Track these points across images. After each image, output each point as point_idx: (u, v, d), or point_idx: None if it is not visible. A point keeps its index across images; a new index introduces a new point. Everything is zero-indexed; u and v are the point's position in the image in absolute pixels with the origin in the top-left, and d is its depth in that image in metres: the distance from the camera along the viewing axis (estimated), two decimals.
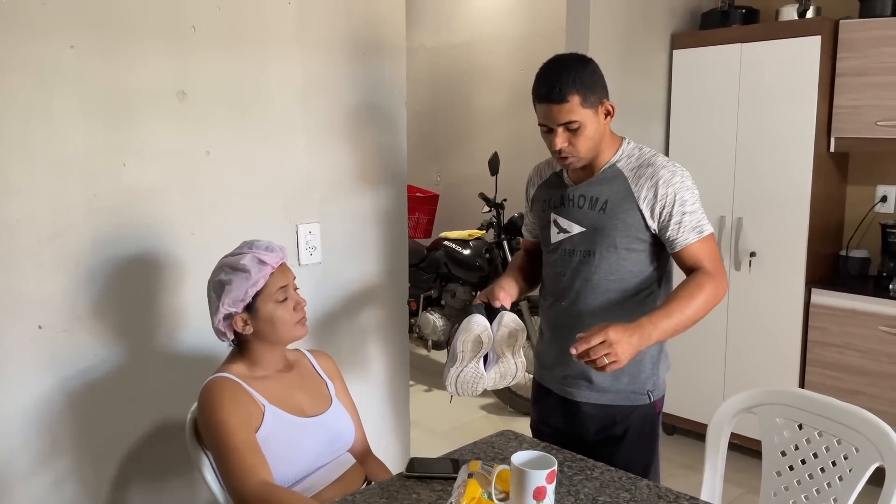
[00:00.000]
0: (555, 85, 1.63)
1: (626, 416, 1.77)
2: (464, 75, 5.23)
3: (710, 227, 1.71)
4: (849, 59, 3.06)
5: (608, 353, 1.47)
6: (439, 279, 4.47)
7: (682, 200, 1.67)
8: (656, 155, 1.74)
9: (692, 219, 1.68)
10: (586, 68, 1.68)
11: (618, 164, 1.74)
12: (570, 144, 1.68)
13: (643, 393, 1.77)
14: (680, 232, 1.68)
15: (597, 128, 1.69)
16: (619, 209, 1.71)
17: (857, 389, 3.07)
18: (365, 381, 2.47)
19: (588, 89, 1.65)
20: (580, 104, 1.64)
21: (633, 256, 1.73)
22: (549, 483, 1.33)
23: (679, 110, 3.51)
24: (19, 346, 1.72)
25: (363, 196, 2.38)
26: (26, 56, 1.67)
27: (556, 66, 1.68)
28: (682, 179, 1.69)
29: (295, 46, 2.14)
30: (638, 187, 1.69)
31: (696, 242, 1.68)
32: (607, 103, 1.71)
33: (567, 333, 1.80)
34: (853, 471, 1.53)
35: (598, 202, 1.73)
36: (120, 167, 1.83)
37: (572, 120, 1.65)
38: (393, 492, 1.46)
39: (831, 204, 3.32)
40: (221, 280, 1.60)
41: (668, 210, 1.67)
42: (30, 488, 1.77)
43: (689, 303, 1.61)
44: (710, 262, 1.68)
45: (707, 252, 1.69)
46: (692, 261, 1.69)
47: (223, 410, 1.51)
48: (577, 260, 1.77)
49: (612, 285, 1.74)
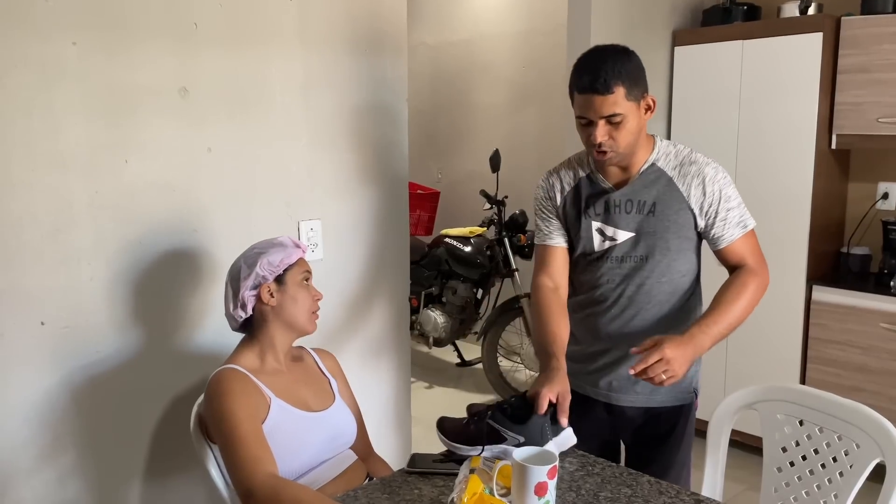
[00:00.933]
0: (600, 75, 1.56)
1: (671, 415, 1.75)
2: (465, 72, 5.23)
3: (752, 220, 1.72)
4: (850, 55, 3.05)
5: (666, 370, 1.49)
6: (440, 276, 4.47)
7: (728, 196, 1.67)
8: (693, 151, 1.72)
9: (737, 214, 1.68)
10: (630, 59, 1.61)
11: (657, 163, 1.70)
12: (611, 138, 1.61)
13: (690, 391, 1.76)
14: (726, 228, 1.68)
15: (638, 122, 1.63)
16: (669, 210, 1.67)
17: (858, 386, 3.07)
18: (366, 378, 2.47)
19: (633, 81, 1.59)
20: (625, 96, 1.58)
21: (683, 257, 1.71)
22: (551, 479, 1.34)
23: (680, 107, 3.51)
24: (22, 343, 1.73)
25: (365, 193, 2.38)
26: (28, 53, 1.67)
27: (599, 55, 1.61)
28: (725, 175, 1.70)
29: (296, 43, 2.14)
30: (686, 186, 1.67)
31: (741, 238, 1.68)
32: (649, 97, 1.65)
33: (618, 341, 1.76)
34: (854, 467, 1.53)
35: (645, 205, 1.69)
36: (122, 164, 1.84)
37: (616, 113, 1.58)
38: (395, 487, 1.47)
39: (832, 201, 3.32)
40: (257, 252, 1.66)
41: (714, 207, 1.67)
42: (33, 484, 1.78)
43: (736, 305, 1.62)
44: (753, 257, 1.69)
45: (751, 247, 1.70)
46: (737, 257, 1.69)
47: (232, 401, 1.52)
48: (628, 266, 1.72)
49: (663, 287, 1.72)
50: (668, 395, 1.75)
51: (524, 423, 1.51)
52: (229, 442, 1.47)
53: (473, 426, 1.55)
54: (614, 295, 1.75)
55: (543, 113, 4.66)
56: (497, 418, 1.52)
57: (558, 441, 1.53)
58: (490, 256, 4.23)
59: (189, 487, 2.02)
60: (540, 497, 1.33)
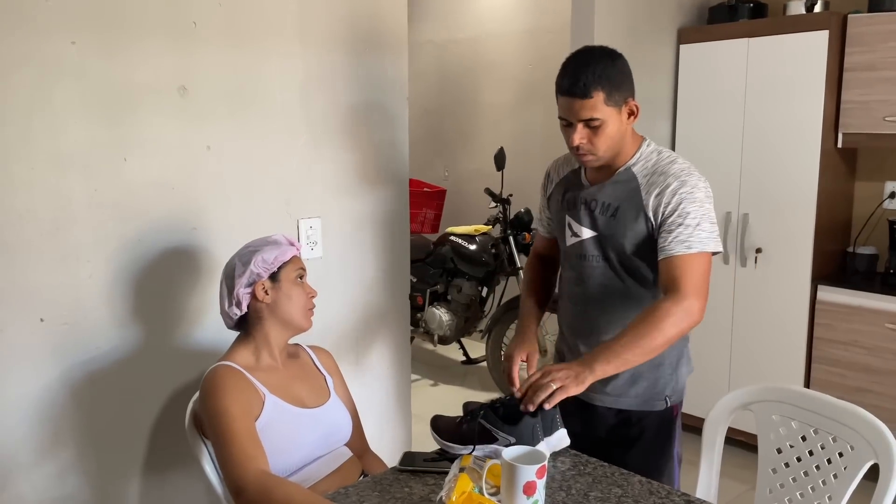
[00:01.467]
0: (579, 79, 1.57)
1: (641, 419, 1.74)
2: (471, 71, 5.23)
3: (706, 244, 1.58)
4: (857, 53, 3.03)
5: (551, 380, 1.45)
6: (446, 274, 4.47)
7: (685, 212, 1.58)
8: (674, 161, 1.66)
9: (685, 231, 1.57)
10: (614, 64, 1.61)
11: (633, 167, 1.68)
12: (589, 142, 1.62)
13: (661, 399, 1.73)
14: (668, 241, 1.58)
15: (618, 127, 1.62)
16: (627, 216, 1.65)
17: (862, 387, 3.05)
18: (366, 376, 2.48)
19: (614, 86, 1.59)
20: (604, 101, 1.58)
21: (646, 264, 1.67)
22: (540, 478, 1.34)
23: (685, 106, 3.50)
24: (21, 339, 1.75)
25: (364, 191, 2.39)
26: (28, 52, 1.69)
27: (582, 58, 1.60)
28: (691, 190, 1.60)
29: (296, 42, 2.15)
30: (647, 195, 1.63)
31: (681, 257, 1.56)
32: (632, 103, 1.64)
33: (582, 339, 1.79)
34: (848, 468, 1.52)
35: (609, 207, 1.68)
36: (121, 162, 1.85)
37: (594, 117, 1.58)
38: (386, 485, 1.47)
39: (839, 200, 3.29)
40: (251, 249, 1.67)
41: (664, 218, 1.60)
42: (33, 479, 1.80)
43: (648, 340, 1.51)
44: (688, 282, 1.55)
45: (690, 269, 1.56)
46: (670, 274, 1.57)
47: (225, 398, 1.53)
48: (588, 265, 1.73)
49: (627, 291, 1.70)
50: (635, 398, 1.74)
51: (516, 423, 1.51)
52: (222, 439, 1.48)
53: (466, 426, 1.55)
54: (577, 291, 1.78)
55: (550, 111, 4.62)
56: (489, 418, 1.53)
57: (551, 442, 1.53)
58: (495, 255, 4.24)
59: (188, 482, 2.04)
60: (528, 496, 1.33)
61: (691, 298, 1.54)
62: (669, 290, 1.57)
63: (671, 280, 1.57)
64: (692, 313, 1.54)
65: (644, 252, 1.66)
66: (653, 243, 1.64)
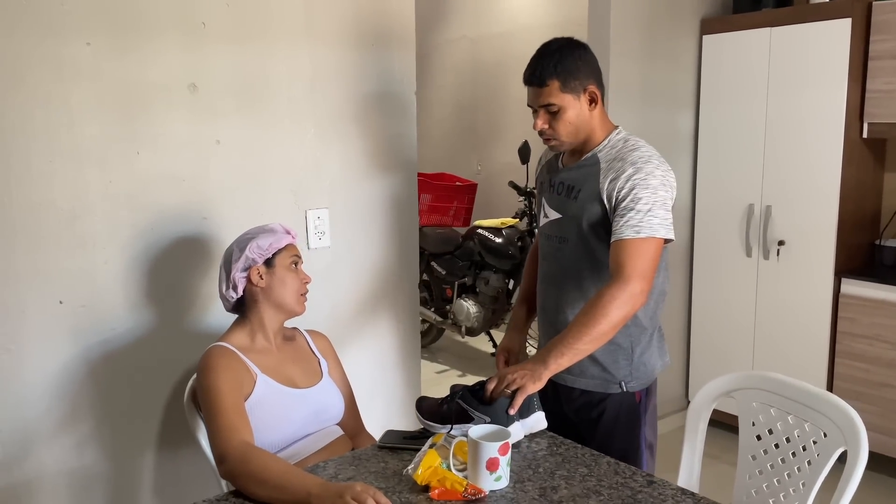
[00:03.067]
0: (536, 69, 1.72)
1: (600, 401, 1.80)
2: (504, 65, 5.26)
3: (656, 231, 1.61)
4: (883, 41, 2.96)
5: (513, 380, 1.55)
6: (473, 267, 4.53)
7: (636, 197, 1.62)
8: (637, 149, 1.70)
9: (636, 217, 1.61)
10: (572, 54, 1.70)
11: (599, 153, 1.75)
12: (551, 127, 1.73)
13: (615, 382, 1.78)
14: (619, 225, 1.63)
15: (578, 113, 1.72)
16: (586, 199, 1.72)
17: (886, 382, 2.98)
18: (375, 363, 2.56)
19: (569, 74, 1.69)
20: (559, 89, 1.69)
21: (603, 247, 1.72)
22: (503, 455, 1.40)
23: (708, 96, 3.47)
24: (42, 319, 1.89)
25: (372, 183, 2.47)
26: (46, 53, 1.82)
27: (542, 50, 1.75)
28: (646, 177, 1.63)
29: (303, 39, 2.24)
30: (604, 179, 1.68)
31: (628, 241, 1.61)
32: (591, 89, 1.72)
33: (548, 316, 1.88)
34: (820, 455, 1.53)
35: (572, 190, 1.76)
36: (134, 155, 1.98)
37: (551, 103, 1.70)
38: (364, 459, 1.55)
39: (865, 192, 3.22)
40: (248, 237, 1.78)
41: (617, 202, 1.65)
42: (53, 450, 1.94)
43: (596, 327, 1.57)
44: (632, 266, 1.59)
45: (636, 253, 1.60)
46: (617, 258, 1.62)
47: (216, 376, 1.63)
48: (554, 246, 1.82)
49: (583, 273, 1.77)
50: (591, 379, 1.80)
51: (491, 404, 1.57)
52: (211, 412, 1.58)
53: (446, 406, 1.62)
54: (542, 269, 1.89)
55: None
56: (466, 398, 1.59)
57: (527, 423, 1.59)
58: (521, 248, 4.27)
59: (198, 456, 2.14)
60: (492, 472, 1.39)
61: (634, 282, 1.59)
62: (615, 274, 1.62)
63: (618, 263, 1.62)
64: (635, 295, 1.59)
65: (600, 234, 1.72)
66: (607, 227, 1.69)
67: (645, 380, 1.82)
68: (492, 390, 1.58)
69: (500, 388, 1.56)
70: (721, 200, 3.46)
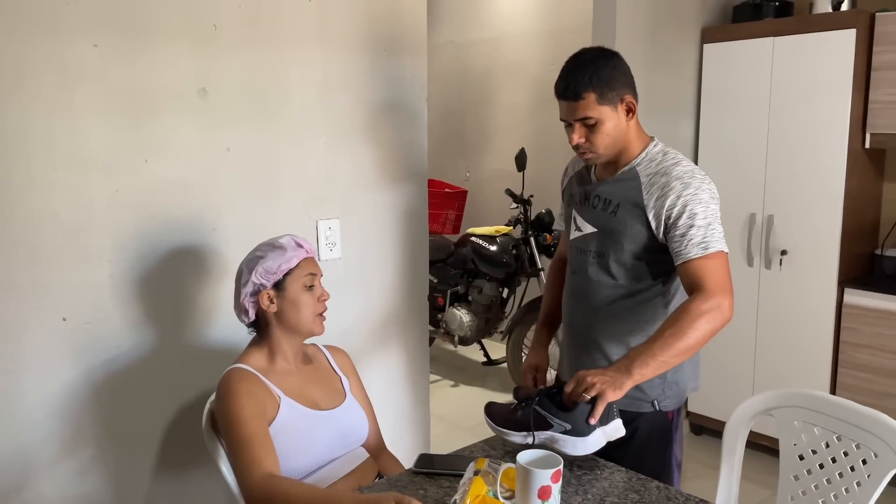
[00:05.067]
0: (570, 82, 1.64)
1: (632, 420, 1.72)
2: (492, 71, 5.22)
3: (720, 244, 1.59)
4: (885, 52, 2.97)
5: (592, 385, 1.47)
6: (466, 275, 4.47)
7: (692, 213, 1.59)
8: (678, 163, 1.66)
9: (699, 233, 1.58)
10: (607, 64, 1.64)
11: (637, 166, 1.69)
12: (588, 140, 1.67)
13: (647, 401, 1.72)
14: (683, 245, 1.59)
15: (616, 124, 1.66)
16: (628, 214, 1.67)
17: (889, 392, 2.99)
18: (384, 376, 2.48)
19: (606, 85, 1.63)
20: (596, 101, 1.63)
21: (641, 263, 1.68)
22: (555, 482, 1.33)
23: (709, 106, 3.45)
24: (44, 338, 1.77)
25: (383, 192, 2.39)
26: (50, 54, 1.71)
27: (574, 62, 1.66)
28: (696, 192, 1.60)
29: (315, 44, 2.16)
30: (648, 196, 1.64)
31: (701, 259, 1.58)
32: (629, 99, 1.66)
33: (576, 332, 1.83)
34: (871, 476, 1.49)
35: (610, 204, 1.70)
36: (142, 163, 1.87)
37: (588, 116, 1.64)
38: (401, 487, 1.47)
39: (866, 202, 3.23)
40: (257, 255, 1.66)
41: (673, 222, 1.60)
42: (55, 476, 1.82)
43: (682, 341, 1.51)
44: (713, 281, 1.56)
45: (712, 270, 1.57)
46: (692, 277, 1.58)
47: (237, 402, 1.54)
48: (587, 260, 1.76)
49: (618, 290, 1.71)
50: (625, 397, 1.68)
51: (570, 410, 1.50)
52: (232, 442, 1.49)
53: (521, 412, 1.55)
54: (571, 284, 1.83)
55: None
56: (544, 404, 1.52)
57: (607, 430, 1.51)
58: (516, 256, 4.22)
59: (207, 481, 2.05)
60: (544, 501, 1.32)
61: (720, 296, 1.55)
62: (697, 291, 1.57)
63: (695, 283, 1.58)
64: (724, 310, 1.55)
65: (640, 251, 1.68)
66: (651, 243, 1.66)
67: (677, 399, 1.78)
68: (569, 394, 1.50)
69: (578, 392, 1.48)
70: (722, 210, 3.38)
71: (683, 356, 1.54)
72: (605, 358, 1.75)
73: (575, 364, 1.82)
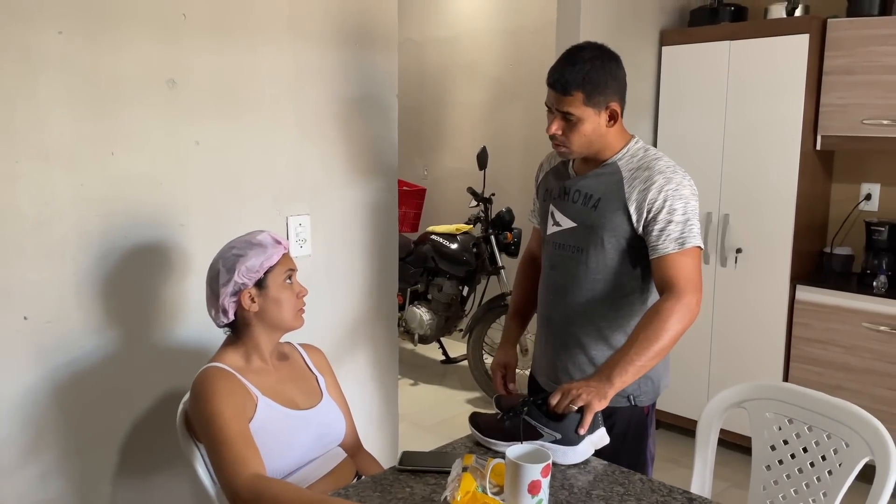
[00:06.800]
0: (564, 75, 1.62)
1: (609, 415, 1.74)
2: (451, 70, 5.21)
3: (696, 240, 1.62)
4: (836, 57, 3.08)
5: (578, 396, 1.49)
6: (426, 273, 4.45)
7: (672, 209, 1.61)
8: (660, 159, 1.68)
9: (676, 229, 1.61)
10: (603, 66, 1.64)
11: (619, 161, 1.70)
12: (564, 134, 1.67)
13: (624, 396, 1.74)
14: (661, 240, 1.62)
15: (595, 128, 1.66)
16: (608, 208, 1.68)
17: (840, 385, 3.10)
18: (353, 374, 2.45)
19: (596, 89, 1.62)
20: (583, 101, 1.63)
21: (621, 257, 1.70)
22: (544, 477, 1.33)
23: (667, 107, 3.53)
24: (4, 337, 1.69)
25: (354, 188, 2.36)
26: (12, 41, 1.63)
27: (573, 56, 1.65)
28: (677, 187, 1.63)
29: (287, 37, 2.12)
30: (630, 189, 1.65)
31: (676, 254, 1.61)
32: (613, 106, 1.66)
33: (555, 328, 1.83)
34: (843, 466, 1.54)
35: (591, 199, 1.71)
36: (108, 156, 1.80)
37: (570, 112, 1.64)
38: (386, 485, 1.45)
39: (816, 201, 3.35)
40: (235, 254, 1.59)
41: (654, 216, 1.62)
42: (15, 482, 1.74)
43: (656, 343, 1.54)
44: (684, 279, 1.59)
45: (684, 266, 1.60)
46: (665, 273, 1.61)
47: (217, 401, 1.49)
48: (567, 255, 1.76)
49: (598, 285, 1.72)
50: None
51: (560, 419, 1.51)
52: (215, 443, 1.45)
53: (508, 422, 1.55)
54: (550, 280, 1.83)
55: (530, 111, 4.65)
56: (533, 414, 1.52)
57: (593, 439, 1.53)
58: (476, 254, 4.23)
59: (174, 485, 1.99)
60: (533, 495, 1.32)
61: (689, 294, 1.59)
62: (667, 289, 1.60)
63: (668, 278, 1.61)
64: (692, 307, 1.59)
65: (621, 245, 1.69)
66: (631, 237, 1.67)
67: (652, 395, 1.81)
68: (555, 405, 1.50)
69: (564, 404, 1.49)
70: None
71: (659, 357, 1.57)
72: (584, 353, 1.76)
73: (553, 360, 1.83)
